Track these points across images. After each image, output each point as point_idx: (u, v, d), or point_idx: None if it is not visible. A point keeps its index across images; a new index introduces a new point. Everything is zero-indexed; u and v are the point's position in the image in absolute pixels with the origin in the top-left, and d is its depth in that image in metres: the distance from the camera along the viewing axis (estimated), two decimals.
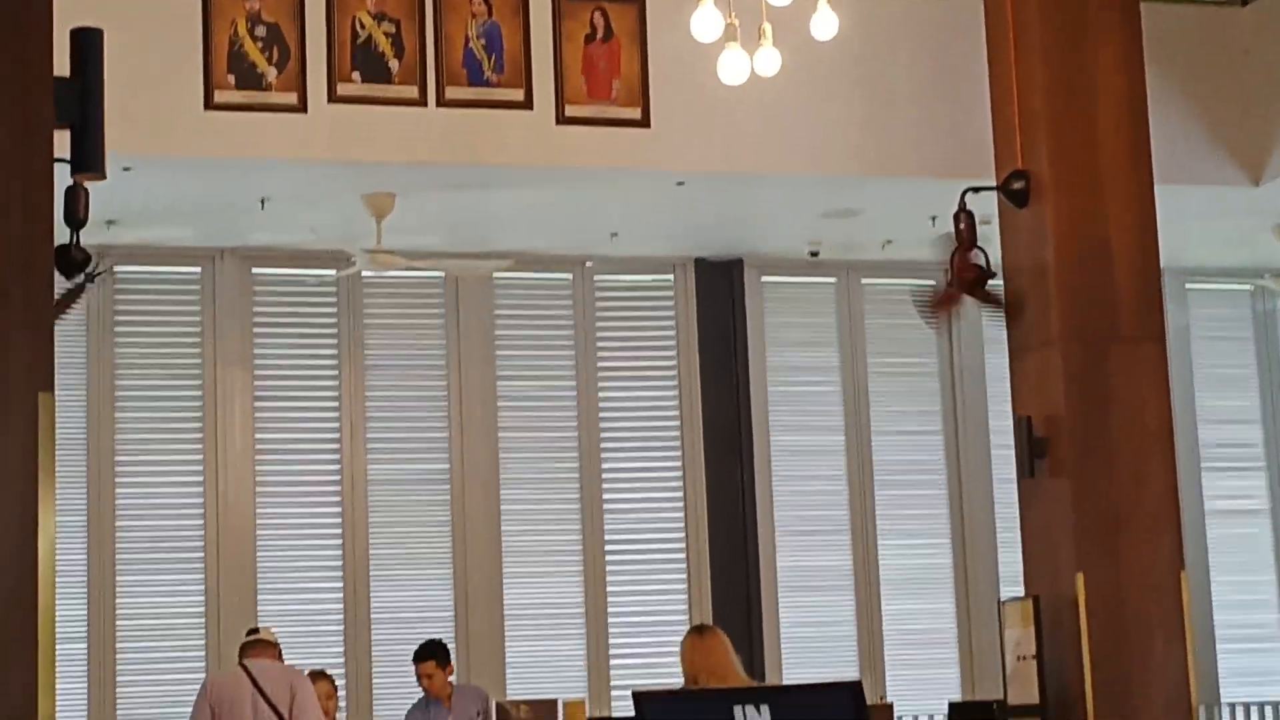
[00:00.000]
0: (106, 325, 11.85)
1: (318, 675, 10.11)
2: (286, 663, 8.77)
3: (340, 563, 12.03)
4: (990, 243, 8.92)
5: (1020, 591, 8.78)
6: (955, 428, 13.05)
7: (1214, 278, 13.83)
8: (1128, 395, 8.50)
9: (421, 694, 10.37)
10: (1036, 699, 8.17)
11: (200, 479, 11.89)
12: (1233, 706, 13.19)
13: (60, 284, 7.90)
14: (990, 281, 8.91)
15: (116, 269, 11.39)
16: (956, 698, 12.20)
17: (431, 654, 10.34)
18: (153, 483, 11.92)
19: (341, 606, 11.99)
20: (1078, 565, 8.28)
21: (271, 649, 8.65)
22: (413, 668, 10.28)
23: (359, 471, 12.10)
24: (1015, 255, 8.82)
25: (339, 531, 12.06)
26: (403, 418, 12.34)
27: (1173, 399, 8.79)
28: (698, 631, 9.41)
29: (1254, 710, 13.14)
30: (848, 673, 11.89)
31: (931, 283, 9.84)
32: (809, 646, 12.59)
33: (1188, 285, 13.70)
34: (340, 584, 12.00)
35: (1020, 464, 8.63)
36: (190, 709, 8.74)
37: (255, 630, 8.71)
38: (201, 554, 11.82)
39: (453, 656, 11.02)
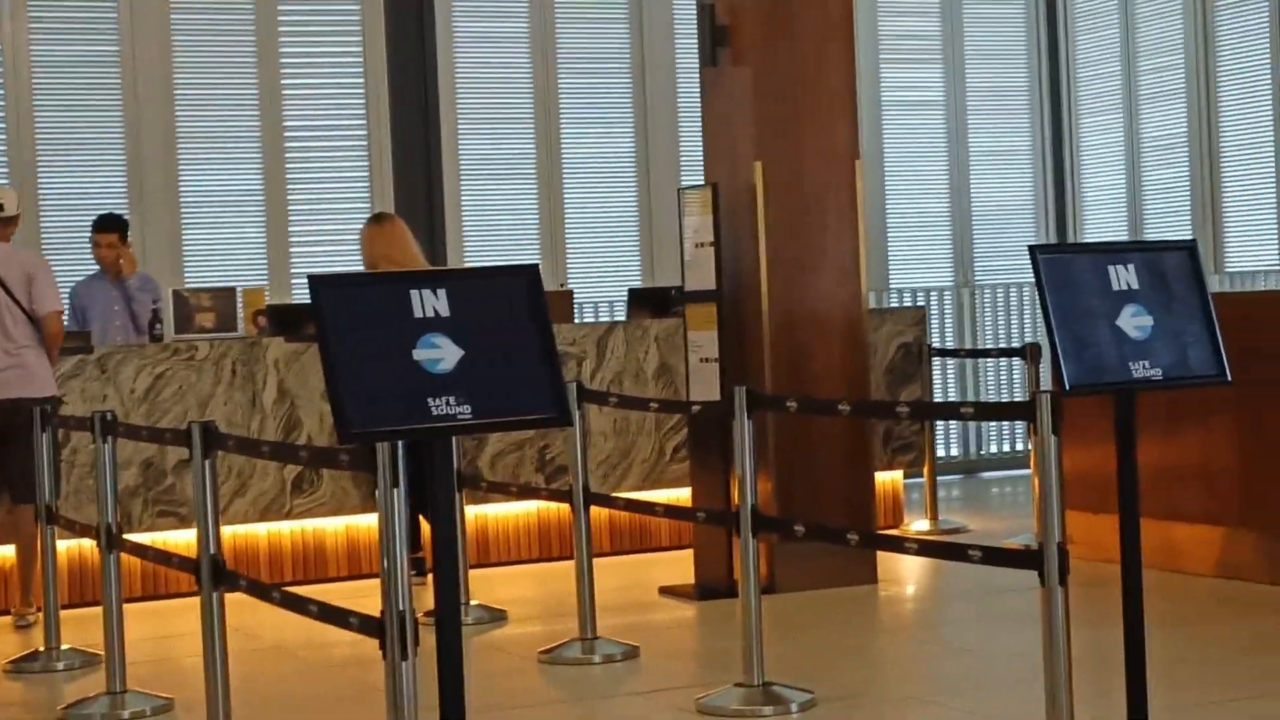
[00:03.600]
0: None
1: None
2: None
3: (4, 149, 11.59)
4: None
5: (700, 179, 8.86)
6: (640, 14, 12.96)
7: None
8: None
9: (96, 270, 10.30)
10: (714, 284, 8.32)
11: None
12: (900, 291, 13.67)
13: None
14: None
15: None
16: (637, 284, 12.40)
17: (116, 225, 10.23)
18: None
19: None
20: (756, 153, 8.37)
21: (9, 227, 8.44)
22: (90, 239, 10.19)
23: (21, 52, 11.57)
24: None
25: (2, 116, 11.59)
26: None
27: None
28: (377, 220, 9.37)
29: (920, 295, 13.63)
30: (530, 260, 11.97)
31: None
32: (491, 234, 12.63)
33: None
34: (5, 170, 11.58)
35: (702, 52, 8.62)
36: None
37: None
38: None
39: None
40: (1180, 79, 13.30)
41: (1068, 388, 4.90)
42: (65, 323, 9.87)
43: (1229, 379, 5.18)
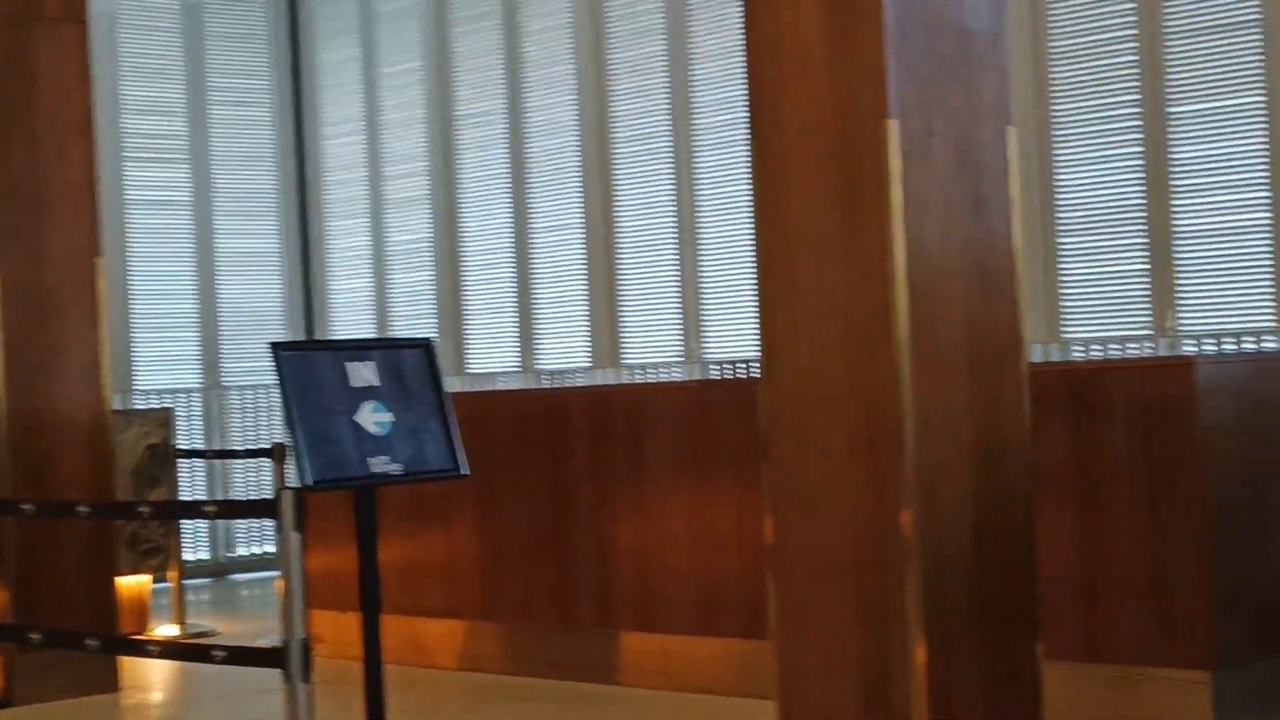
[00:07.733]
0: None
1: None
2: None
3: None
4: None
5: None
6: None
7: None
8: (50, 78, 8.34)
9: None
10: None
11: None
12: (146, 393, 13.47)
13: None
14: None
15: None
16: None
17: None
18: None
19: None
20: None
21: None
22: None
23: None
24: None
25: None
26: None
27: (97, 86, 8.69)
28: None
29: (167, 396, 13.47)
30: None
31: None
32: None
33: None
34: None
35: None
36: None
37: None
38: None
39: None
40: (426, 186, 13.71)
41: (309, 484, 4.97)
42: None
43: (466, 472, 5.36)
